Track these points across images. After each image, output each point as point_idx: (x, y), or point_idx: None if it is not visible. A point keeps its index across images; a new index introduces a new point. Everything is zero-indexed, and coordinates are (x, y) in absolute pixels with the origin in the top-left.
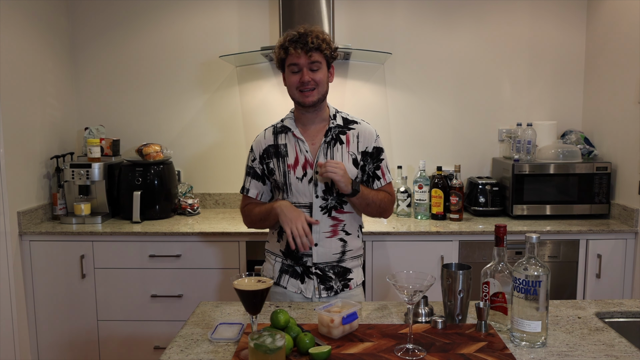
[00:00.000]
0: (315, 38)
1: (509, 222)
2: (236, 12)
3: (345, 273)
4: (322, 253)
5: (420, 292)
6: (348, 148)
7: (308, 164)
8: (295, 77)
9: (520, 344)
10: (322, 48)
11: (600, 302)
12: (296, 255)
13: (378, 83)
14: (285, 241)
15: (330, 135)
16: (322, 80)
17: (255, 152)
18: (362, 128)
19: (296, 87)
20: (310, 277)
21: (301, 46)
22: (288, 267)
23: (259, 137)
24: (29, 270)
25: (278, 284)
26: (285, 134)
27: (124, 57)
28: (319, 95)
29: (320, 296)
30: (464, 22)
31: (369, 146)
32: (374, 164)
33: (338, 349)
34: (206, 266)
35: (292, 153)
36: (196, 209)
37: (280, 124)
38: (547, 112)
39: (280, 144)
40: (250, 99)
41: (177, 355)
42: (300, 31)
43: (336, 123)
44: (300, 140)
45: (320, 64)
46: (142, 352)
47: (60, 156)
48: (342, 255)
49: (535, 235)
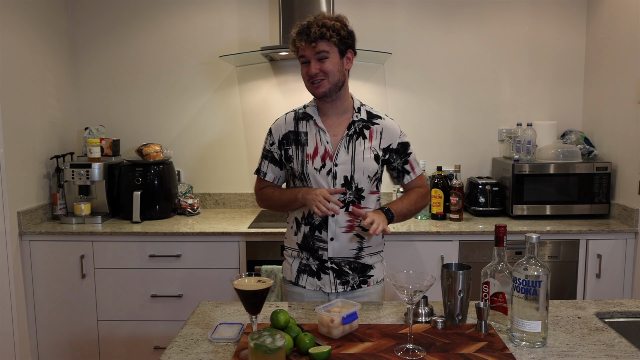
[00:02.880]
0: (320, 27)
1: (509, 222)
2: (236, 12)
3: (365, 269)
4: (338, 248)
5: (420, 292)
6: (370, 143)
7: (328, 156)
8: (305, 68)
9: (520, 344)
10: (327, 36)
11: (600, 302)
12: (312, 247)
13: (378, 83)
14: (302, 234)
15: (353, 128)
16: (332, 70)
17: (275, 136)
18: (385, 124)
19: (307, 79)
20: (326, 272)
21: (305, 37)
22: (305, 267)
23: (278, 121)
24: (29, 270)
25: (296, 284)
26: (307, 121)
27: (124, 57)
28: (330, 85)
29: (337, 291)
30: (464, 22)
31: (393, 143)
32: (402, 159)
33: (338, 349)
34: (206, 266)
35: (312, 142)
36: (196, 209)
37: (302, 110)
38: (547, 112)
39: (301, 132)
40: (250, 99)
41: (177, 355)
42: (310, 20)
43: (360, 117)
44: (322, 130)
45: (328, 53)
46: (142, 352)
47: (60, 156)
48: (359, 251)
49: (535, 235)
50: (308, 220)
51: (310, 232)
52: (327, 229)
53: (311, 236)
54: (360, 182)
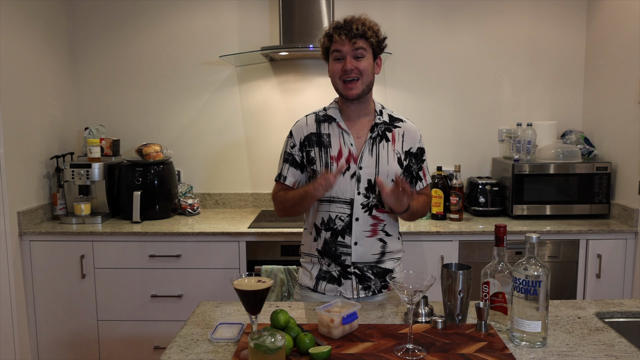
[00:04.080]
0: (361, 25)
1: (509, 222)
2: (236, 12)
3: (386, 274)
4: (361, 253)
5: (420, 292)
6: (394, 146)
7: (352, 158)
8: (338, 64)
9: (520, 344)
10: (368, 35)
11: (600, 302)
12: (334, 253)
13: (378, 83)
14: (322, 240)
15: (376, 131)
16: (367, 70)
17: (296, 138)
18: (407, 127)
19: (339, 76)
20: (348, 278)
21: (345, 32)
22: (325, 273)
23: (299, 123)
24: (29, 270)
25: (315, 290)
26: (329, 123)
27: (124, 57)
28: (363, 87)
29: (358, 296)
30: (464, 22)
31: (413, 146)
32: (417, 165)
33: (338, 349)
34: (206, 266)
35: (336, 145)
36: (196, 209)
37: (324, 113)
38: (547, 112)
39: (324, 133)
40: (250, 99)
41: (177, 355)
42: (347, 19)
43: (382, 119)
44: (346, 132)
45: (365, 52)
46: (142, 352)
47: (60, 156)
48: (381, 256)
49: (535, 235)
50: (329, 226)
51: (332, 237)
52: (350, 233)
53: (333, 242)
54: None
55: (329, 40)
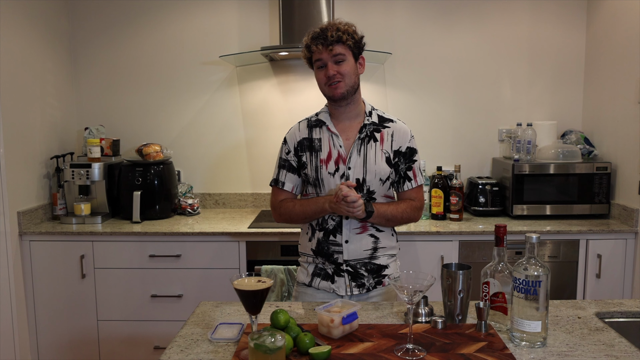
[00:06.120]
0: (335, 31)
1: (509, 222)
2: (236, 12)
3: (380, 270)
4: (353, 250)
5: (420, 292)
6: (382, 146)
7: (341, 159)
8: (322, 72)
9: (520, 344)
10: (344, 39)
11: (600, 302)
12: (327, 252)
13: (378, 83)
14: (316, 239)
15: (364, 131)
16: (348, 72)
17: (290, 145)
18: (397, 127)
19: (324, 82)
20: (341, 275)
21: (322, 42)
22: (320, 270)
23: (292, 130)
24: (29, 270)
25: (310, 285)
26: (320, 127)
27: (124, 57)
28: (347, 87)
29: (352, 294)
30: (464, 22)
31: (402, 146)
32: (406, 164)
33: (338, 349)
34: (206, 266)
35: (326, 147)
36: (196, 209)
37: (315, 118)
38: (547, 112)
39: (315, 138)
40: (250, 99)
41: (177, 355)
42: (323, 26)
43: (371, 120)
44: (335, 134)
45: (344, 56)
46: (142, 352)
47: (60, 156)
48: (373, 252)
49: (535, 235)
50: (322, 226)
51: (324, 237)
52: (341, 232)
53: (325, 241)
54: (372, 185)
55: (308, 51)
